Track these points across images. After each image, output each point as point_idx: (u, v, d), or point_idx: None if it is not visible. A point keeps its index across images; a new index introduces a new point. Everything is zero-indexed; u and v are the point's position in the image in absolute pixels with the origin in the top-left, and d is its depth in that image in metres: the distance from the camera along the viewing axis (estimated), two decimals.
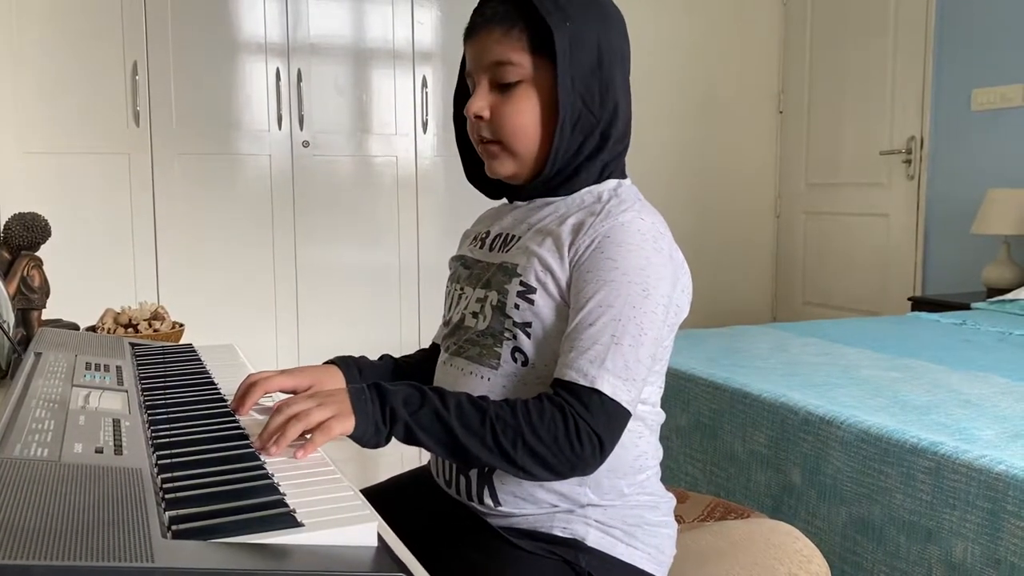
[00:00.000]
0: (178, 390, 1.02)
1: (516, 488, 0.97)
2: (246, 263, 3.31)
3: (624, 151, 1.05)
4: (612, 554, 0.98)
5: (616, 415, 0.90)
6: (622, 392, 0.89)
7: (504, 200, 1.14)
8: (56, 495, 0.60)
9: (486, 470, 0.99)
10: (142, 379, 1.06)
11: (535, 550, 0.96)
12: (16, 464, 0.66)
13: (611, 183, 1.03)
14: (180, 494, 0.67)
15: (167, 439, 0.81)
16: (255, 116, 3.28)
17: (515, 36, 0.98)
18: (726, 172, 4.35)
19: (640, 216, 0.96)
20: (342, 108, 3.41)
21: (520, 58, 0.98)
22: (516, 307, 0.97)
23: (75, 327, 1.49)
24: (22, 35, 2.94)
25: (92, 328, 1.51)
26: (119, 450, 0.74)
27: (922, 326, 2.58)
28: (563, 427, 0.87)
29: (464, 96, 1.06)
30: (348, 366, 1.12)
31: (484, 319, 1.00)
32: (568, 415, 0.88)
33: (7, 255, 1.37)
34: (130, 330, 1.50)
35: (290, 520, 0.63)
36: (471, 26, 1.02)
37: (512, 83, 0.99)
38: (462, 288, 1.08)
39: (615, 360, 0.90)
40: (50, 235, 1.41)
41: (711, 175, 4.31)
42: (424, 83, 3.51)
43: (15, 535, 0.52)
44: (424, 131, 3.53)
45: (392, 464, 2.28)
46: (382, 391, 0.90)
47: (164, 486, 0.68)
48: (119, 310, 1.53)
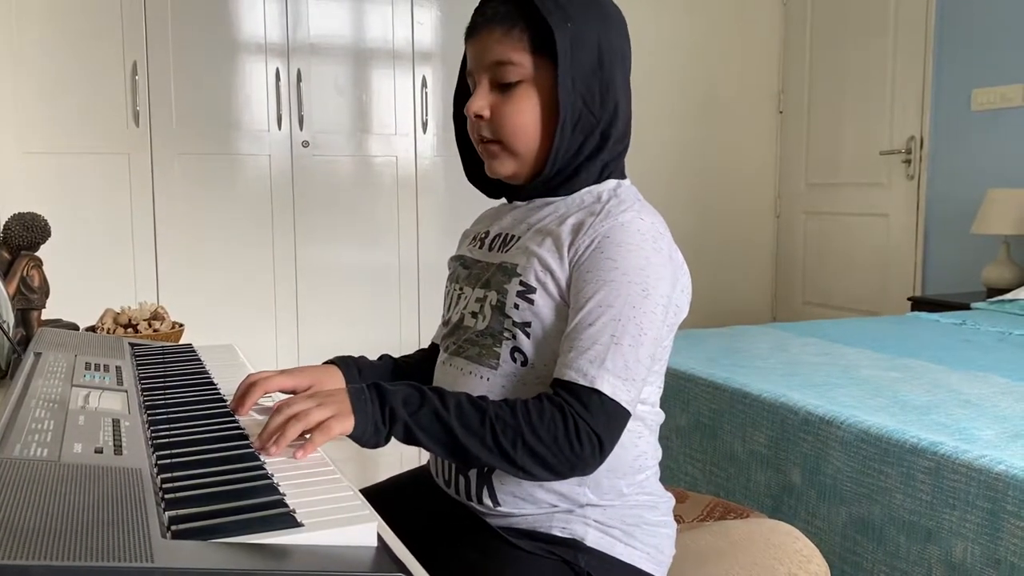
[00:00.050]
0: (178, 390, 1.02)
1: (515, 488, 0.97)
2: (246, 263, 3.31)
3: (624, 151, 1.05)
4: (611, 554, 0.98)
5: (616, 415, 0.90)
6: (622, 392, 0.90)
7: (503, 200, 1.14)
8: (56, 495, 0.60)
9: (485, 470, 0.99)
10: (142, 379, 1.06)
11: (534, 550, 0.96)
12: (16, 464, 0.66)
13: (611, 183, 1.03)
14: (180, 494, 0.67)
15: (167, 439, 0.81)
16: (255, 116, 3.28)
17: (516, 36, 0.98)
18: (726, 172, 4.35)
19: (640, 216, 0.96)
20: (342, 108, 3.41)
21: (521, 58, 0.98)
22: (516, 307, 0.97)
23: (75, 327, 1.49)
24: (22, 35, 2.94)
25: (92, 328, 1.51)
26: (119, 450, 0.74)
27: (922, 326, 2.58)
28: (563, 427, 0.87)
29: (464, 95, 1.06)
30: (347, 366, 1.12)
31: (483, 319, 1.00)
32: (568, 415, 0.88)
33: (7, 255, 1.37)
34: (130, 330, 1.50)
35: (290, 520, 0.63)
36: (472, 26, 1.02)
37: (512, 83, 0.99)
38: (461, 288, 1.08)
39: (615, 360, 0.90)
40: (50, 235, 1.41)
41: (711, 175, 4.31)
42: (424, 83, 3.51)
43: (15, 535, 0.52)
44: (424, 131, 3.53)
45: (391, 464, 2.28)
46: (382, 391, 0.90)
47: (164, 486, 0.68)
48: (119, 310, 1.54)
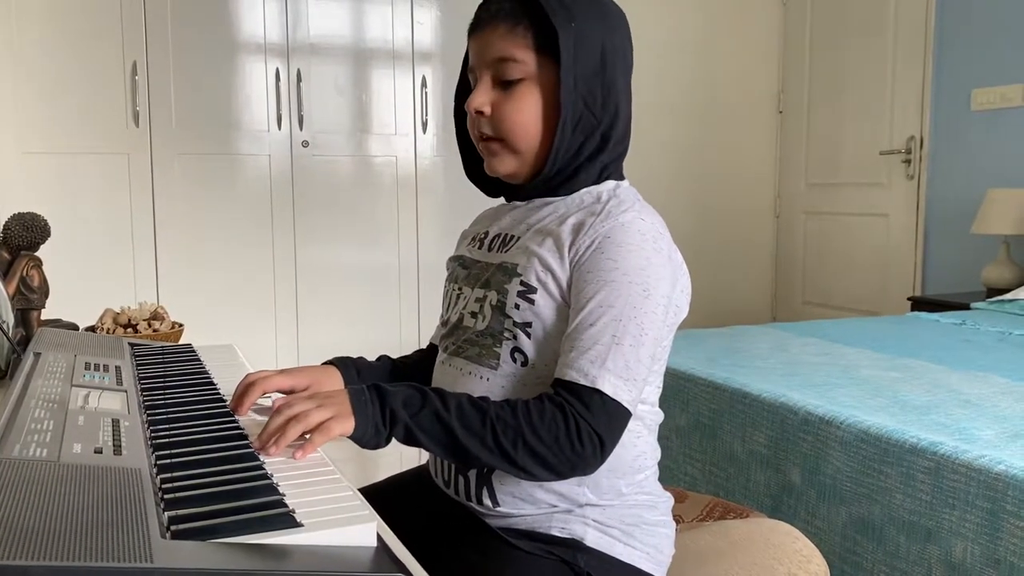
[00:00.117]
0: (177, 390, 1.02)
1: (515, 488, 0.97)
2: (246, 263, 3.31)
3: (623, 154, 1.05)
4: (611, 554, 0.98)
5: (617, 415, 0.90)
6: (623, 392, 0.90)
7: (502, 200, 1.14)
8: (55, 495, 0.60)
9: (485, 471, 0.98)
10: (141, 379, 1.06)
11: (534, 550, 0.96)
12: (15, 464, 0.66)
13: (610, 184, 1.04)
14: (179, 494, 0.67)
15: (166, 439, 0.81)
16: (255, 116, 3.28)
17: (520, 33, 0.98)
18: (726, 172, 4.35)
19: (640, 216, 0.97)
20: (342, 108, 3.41)
21: (524, 55, 0.98)
22: (516, 307, 0.97)
23: (74, 327, 1.49)
24: (22, 35, 2.94)
25: (91, 328, 1.51)
26: (118, 450, 0.74)
27: (922, 326, 2.58)
28: (564, 427, 0.87)
29: (466, 93, 1.06)
30: (346, 367, 1.12)
31: (483, 319, 1.00)
32: (569, 415, 0.88)
33: (7, 255, 1.37)
34: (129, 330, 1.50)
35: (289, 520, 0.63)
36: (476, 21, 1.02)
37: (514, 80, 0.99)
38: (460, 288, 1.08)
39: (616, 360, 0.90)
40: (49, 235, 1.41)
41: (711, 175, 4.31)
42: (424, 83, 3.51)
43: (14, 535, 0.52)
44: (424, 131, 3.53)
45: (391, 464, 2.28)
46: (382, 392, 0.90)
47: (163, 486, 0.68)
48: (118, 310, 1.53)
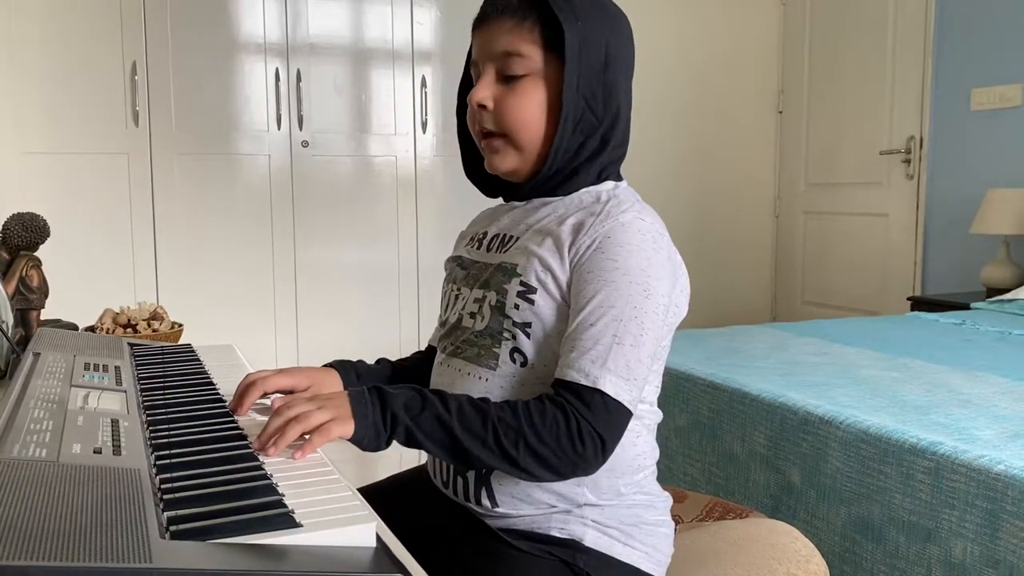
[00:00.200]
0: (177, 390, 1.02)
1: (514, 489, 0.97)
2: (245, 263, 3.31)
3: (622, 157, 1.05)
4: (610, 554, 0.98)
5: (618, 415, 0.90)
6: (624, 392, 0.90)
7: (500, 200, 1.13)
8: (54, 495, 0.60)
9: (484, 471, 0.98)
10: (141, 379, 1.06)
11: (532, 551, 0.96)
12: (14, 464, 0.66)
13: (609, 184, 1.04)
14: (178, 494, 0.67)
15: (166, 439, 0.81)
16: (254, 116, 3.28)
17: (527, 28, 0.98)
18: (725, 172, 4.35)
19: (640, 216, 0.97)
20: (341, 108, 3.41)
21: (530, 51, 0.98)
22: (516, 307, 0.97)
23: (74, 327, 1.49)
24: (21, 35, 2.94)
25: (91, 328, 1.51)
26: (118, 450, 0.74)
27: (921, 326, 2.58)
28: (565, 427, 0.87)
29: (469, 89, 1.05)
30: (346, 370, 1.12)
31: (482, 319, 1.00)
32: (570, 415, 0.88)
33: (6, 255, 1.37)
34: (129, 330, 1.50)
35: (289, 521, 0.63)
36: (482, 15, 1.02)
37: (518, 76, 0.99)
38: (459, 288, 1.08)
39: (617, 360, 0.90)
40: (49, 235, 1.41)
41: (710, 175, 4.31)
42: (423, 83, 3.51)
43: (13, 535, 0.52)
44: (423, 131, 3.53)
45: (390, 464, 2.27)
46: (383, 394, 0.90)
47: (162, 486, 0.68)
48: (118, 310, 1.53)
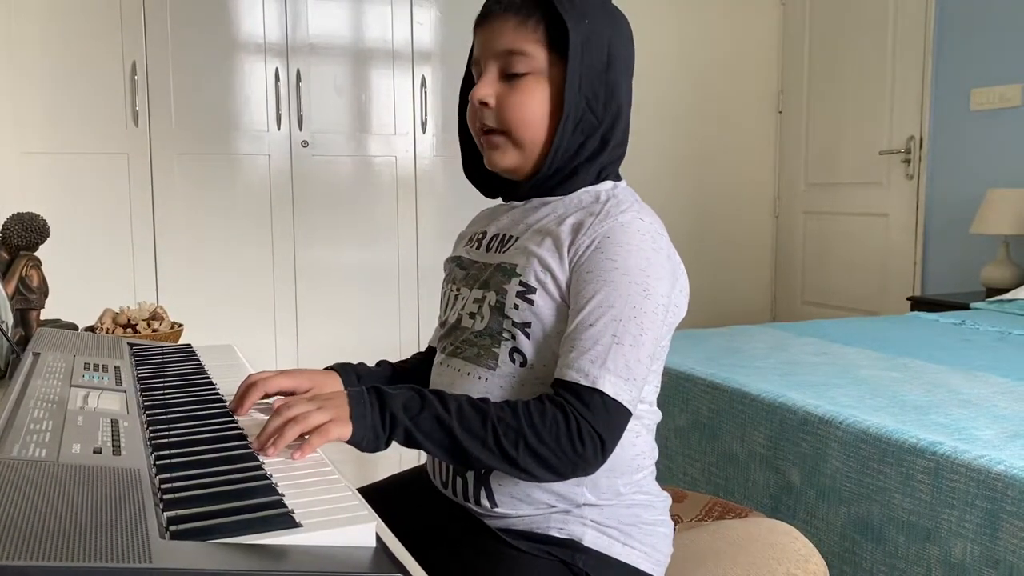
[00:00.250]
0: (177, 390, 1.02)
1: (513, 489, 0.97)
2: (245, 263, 3.31)
3: (621, 158, 1.06)
4: (609, 554, 0.98)
5: (617, 415, 0.90)
6: (623, 392, 0.90)
7: (499, 200, 1.13)
8: (54, 495, 0.60)
9: (483, 471, 0.98)
10: (141, 379, 1.06)
11: (532, 551, 0.96)
12: (14, 464, 0.66)
13: (608, 184, 1.04)
14: (178, 495, 0.67)
15: (165, 439, 0.81)
16: (254, 116, 3.28)
17: (531, 27, 0.98)
18: (725, 172, 4.35)
19: (640, 216, 0.97)
20: (341, 108, 3.41)
21: (533, 49, 0.98)
22: (515, 307, 0.97)
23: (74, 327, 1.49)
24: (21, 35, 2.94)
25: (91, 328, 1.51)
26: (117, 450, 0.74)
27: (921, 326, 2.58)
28: (565, 427, 0.87)
29: (471, 87, 1.05)
30: (347, 372, 1.12)
31: (482, 319, 1.00)
32: (570, 415, 0.88)
33: (6, 255, 1.37)
34: (129, 330, 1.50)
35: (288, 521, 0.63)
36: (485, 12, 1.02)
37: (521, 74, 0.99)
38: (458, 289, 1.08)
39: (616, 360, 0.90)
40: (49, 235, 1.41)
41: (710, 175, 4.31)
42: (423, 83, 3.51)
43: (13, 535, 0.52)
44: (423, 131, 3.53)
45: (390, 464, 2.27)
46: (382, 395, 0.90)
47: (162, 487, 0.68)
48: (118, 310, 1.53)
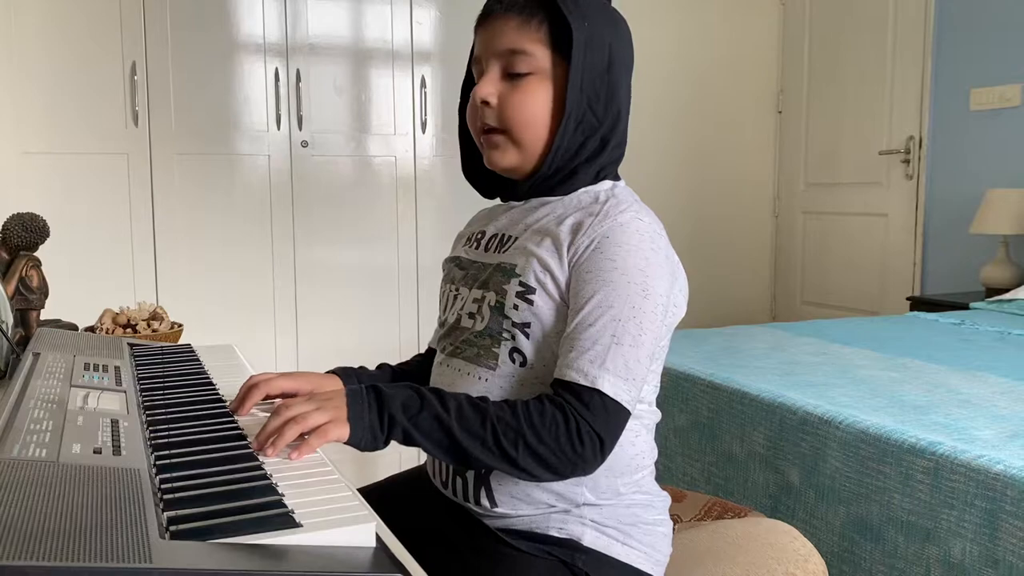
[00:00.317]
0: (177, 390, 1.02)
1: (513, 489, 0.97)
2: (245, 263, 3.31)
3: (620, 159, 1.06)
4: (609, 554, 0.98)
5: (616, 414, 0.90)
6: (622, 392, 0.90)
7: (497, 201, 1.14)
8: (54, 495, 0.60)
9: (483, 471, 0.99)
10: (141, 379, 1.06)
11: (531, 551, 0.96)
12: (14, 464, 0.66)
13: (607, 184, 1.04)
14: (178, 495, 0.67)
15: (165, 439, 0.81)
16: (254, 116, 3.28)
17: (534, 27, 0.98)
18: (725, 172, 4.35)
19: (639, 217, 0.97)
20: (341, 108, 3.41)
21: (536, 49, 0.98)
22: (515, 307, 0.97)
23: (74, 327, 1.49)
24: (21, 35, 2.94)
25: (91, 328, 1.51)
26: (117, 450, 0.74)
27: (921, 326, 2.58)
28: (564, 427, 0.88)
29: (472, 87, 1.06)
30: (348, 376, 1.12)
31: (482, 320, 1.00)
32: (569, 415, 0.88)
33: (6, 255, 1.37)
34: (129, 330, 1.50)
35: (288, 521, 0.63)
36: (486, 11, 1.02)
37: (523, 73, 0.99)
38: (457, 289, 1.08)
39: (615, 360, 0.90)
40: (49, 235, 1.41)
41: (710, 175, 4.31)
42: (423, 83, 3.51)
43: (13, 535, 0.52)
44: (423, 131, 3.53)
45: (390, 464, 2.28)
46: (380, 395, 0.90)
47: (162, 487, 0.68)
48: (118, 310, 1.54)
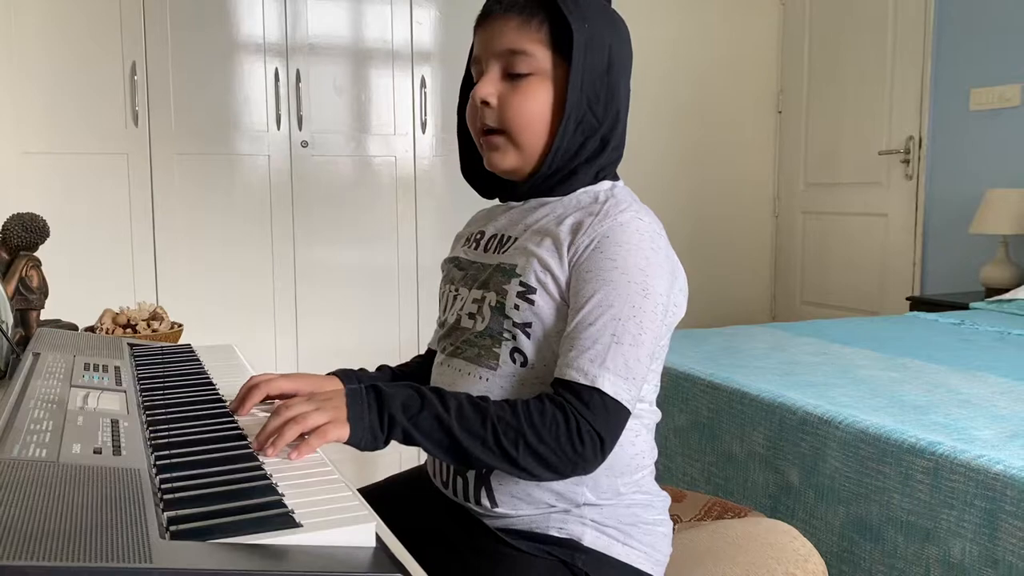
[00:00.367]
0: (177, 390, 1.02)
1: (513, 488, 0.97)
2: (245, 263, 3.31)
3: (618, 159, 1.06)
4: (609, 554, 0.98)
5: (617, 414, 0.90)
6: (623, 391, 0.90)
7: (496, 201, 1.14)
8: (54, 496, 0.60)
9: (483, 471, 0.99)
10: (141, 379, 1.06)
11: (532, 551, 0.96)
12: (14, 464, 0.66)
13: (606, 184, 1.04)
14: (178, 495, 0.67)
15: (165, 439, 0.81)
16: (254, 116, 3.28)
17: (534, 27, 0.98)
18: (725, 172, 4.35)
19: (639, 216, 0.97)
20: (341, 108, 3.41)
21: (536, 50, 0.98)
22: (516, 307, 0.97)
23: (74, 327, 1.49)
24: (21, 35, 2.94)
25: (91, 328, 1.51)
26: (117, 451, 0.74)
27: (920, 326, 2.58)
28: (564, 426, 0.88)
29: (471, 87, 1.05)
30: (348, 378, 1.12)
31: (482, 320, 1.00)
32: (569, 414, 0.88)
33: (6, 255, 1.37)
34: (129, 330, 1.50)
35: (288, 521, 0.63)
36: (486, 11, 1.02)
37: (523, 74, 0.99)
38: (457, 289, 1.08)
39: (615, 359, 0.90)
40: (49, 235, 1.41)
41: (709, 175, 4.31)
42: (423, 83, 3.51)
43: (13, 535, 0.52)
44: (423, 131, 3.53)
45: (390, 464, 2.28)
46: (380, 396, 0.90)
47: (162, 487, 0.68)
48: (118, 310, 1.54)
